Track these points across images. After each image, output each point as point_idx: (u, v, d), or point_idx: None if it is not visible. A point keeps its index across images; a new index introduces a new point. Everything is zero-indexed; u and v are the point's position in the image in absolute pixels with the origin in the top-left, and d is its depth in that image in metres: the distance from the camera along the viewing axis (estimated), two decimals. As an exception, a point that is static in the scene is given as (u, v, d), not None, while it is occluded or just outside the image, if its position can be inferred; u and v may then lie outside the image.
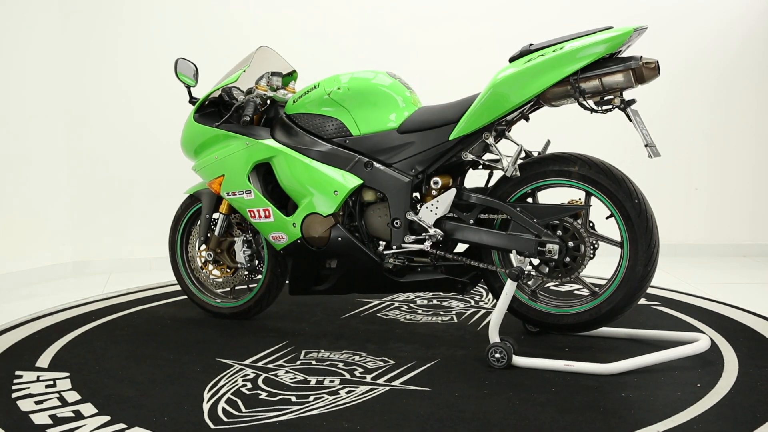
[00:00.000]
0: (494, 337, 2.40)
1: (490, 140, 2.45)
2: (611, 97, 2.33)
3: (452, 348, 2.58)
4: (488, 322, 2.89)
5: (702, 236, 4.40)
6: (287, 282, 2.87)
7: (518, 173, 2.44)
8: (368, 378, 2.29)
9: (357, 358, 2.49)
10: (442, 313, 3.07)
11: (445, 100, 2.82)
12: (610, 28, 2.29)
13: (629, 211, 2.37)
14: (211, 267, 3.01)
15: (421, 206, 2.56)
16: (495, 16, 4.27)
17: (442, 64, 4.25)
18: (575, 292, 3.34)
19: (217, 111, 2.93)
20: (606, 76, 2.28)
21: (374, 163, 2.60)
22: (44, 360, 2.51)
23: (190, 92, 2.97)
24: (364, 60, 4.10)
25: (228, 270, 3.01)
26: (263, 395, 2.16)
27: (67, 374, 2.36)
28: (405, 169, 2.58)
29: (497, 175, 2.66)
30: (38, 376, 2.34)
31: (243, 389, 2.21)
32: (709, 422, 1.91)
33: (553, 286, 3.42)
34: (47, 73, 3.99)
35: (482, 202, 2.52)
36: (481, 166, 2.59)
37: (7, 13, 3.80)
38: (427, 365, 2.40)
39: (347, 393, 2.17)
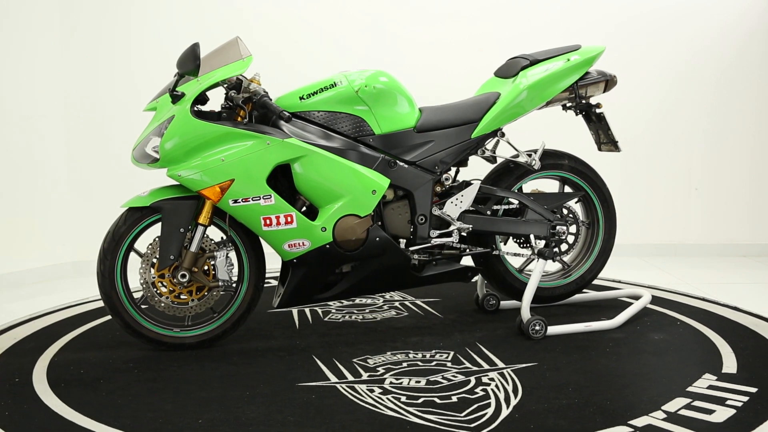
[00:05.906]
0: (527, 313, 2.66)
1: (506, 137, 2.73)
2: (593, 102, 2.83)
3: (467, 333, 2.73)
4: (433, 312, 2.90)
5: (701, 236, 4.40)
6: (266, 294, 2.69)
7: (540, 167, 2.79)
8: (473, 368, 2.36)
9: (415, 355, 2.50)
10: (379, 310, 3.09)
11: (445, 97, 2.93)
12: (579, 46, 2.77)
13: (606, 196, 2.96)
14: (173, 290, 2.57)
15: (439, 202, 2.70)
16: (496, 14, 4.26)
17: (443, 61, 4.25)
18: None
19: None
20: (591, 84, 2.76)
21: (397, 161, 2.63)
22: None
23: (177, 83, 2.56)
24: (364, 57, 4.11)
25: (197, 292, 2.59)
26: (437, 400, 2.09)
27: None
28: (428, 167, 2.67)
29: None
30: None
31: (405, 400, 2.10)
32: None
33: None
34: (48, 72, 3.99)
35: (503, 194, 2.76)
36: (487, 161, 2.87)
37: (10, 11, 3.81)
38: (481, 350, 2.52)
39: (489, 380, 2.24)
